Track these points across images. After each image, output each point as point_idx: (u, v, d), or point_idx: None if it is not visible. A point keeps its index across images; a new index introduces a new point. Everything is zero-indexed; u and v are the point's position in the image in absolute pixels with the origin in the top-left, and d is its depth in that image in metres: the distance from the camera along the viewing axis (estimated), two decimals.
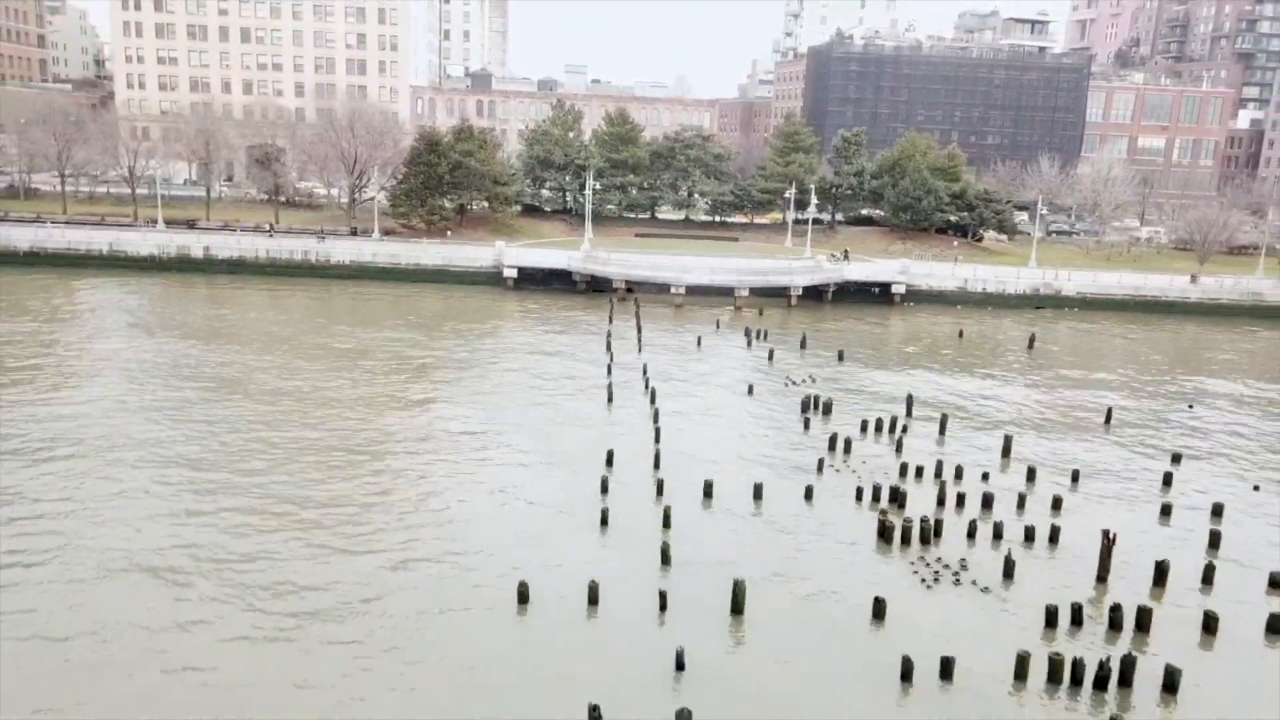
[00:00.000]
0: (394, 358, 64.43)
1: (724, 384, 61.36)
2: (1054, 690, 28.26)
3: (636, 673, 27.93)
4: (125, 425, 47.57)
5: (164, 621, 29.72)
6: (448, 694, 26.90)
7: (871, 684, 28.27)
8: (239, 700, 26.07)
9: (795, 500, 41.76)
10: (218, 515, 37.62)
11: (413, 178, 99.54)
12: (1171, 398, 63.54)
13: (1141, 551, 37.36)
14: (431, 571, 33.85)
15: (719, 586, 32.60)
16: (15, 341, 63.47)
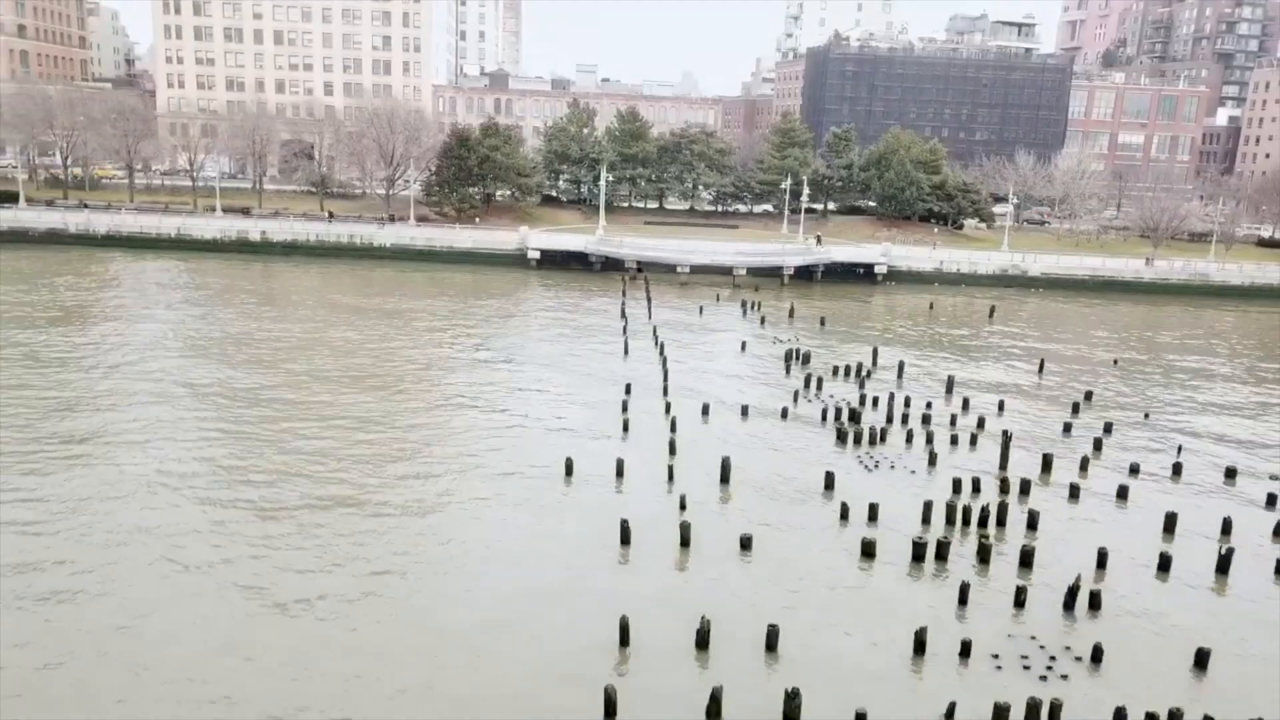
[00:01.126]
0: (437, 318, 76.64)
1: (721, 341, 73.44)
2: (950, 529, 40.06)
3: (651, 512, 39.76)
4: (209, 366, 59.78)
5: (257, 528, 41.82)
6: (512, 524, 38.82)
7: (822, 525, 40.12)
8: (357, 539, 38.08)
9: (774, 418, 53.71)
10: (309, 417, 49.71)
11: (445, 169, 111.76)
12: (1104, 356, 75.44)
13: (1037, 448, 49.28)
14: (499, 457, 45.83)
15: (712, 466, 44.48)
16: (103, 307, 75.74)
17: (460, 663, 28.59)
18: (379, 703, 26.58)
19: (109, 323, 70.59)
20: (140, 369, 58.17)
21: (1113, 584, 35.45)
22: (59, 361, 58.99)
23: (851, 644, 30.77)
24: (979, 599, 33.77)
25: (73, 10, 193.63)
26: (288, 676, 27.55)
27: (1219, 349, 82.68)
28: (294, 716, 25.79)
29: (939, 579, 35.39)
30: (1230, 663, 30.56)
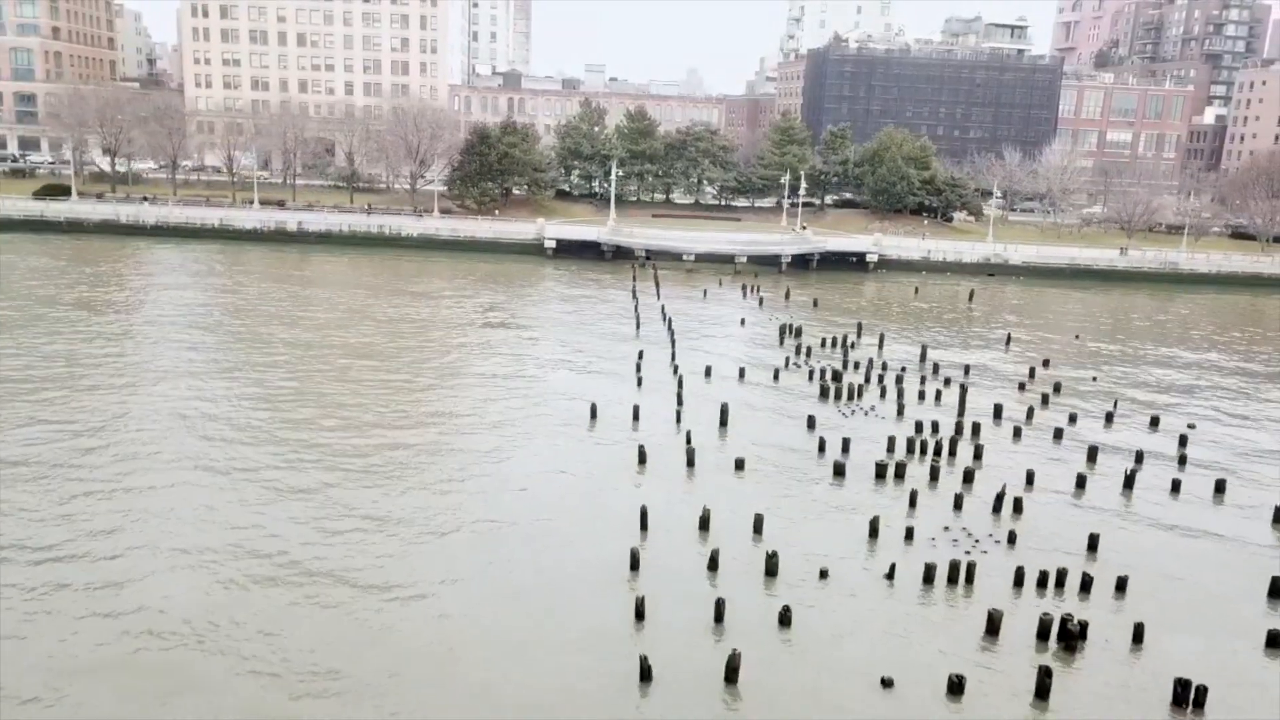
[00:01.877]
0: (463, 298, 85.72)
1: (722, 318, 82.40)
2: (911, 456, 48.85)
3: (662, 443, 48.60)
4: (258, 325, 68.89)
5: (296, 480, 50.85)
6: (551, 451, 47.72)
7: (803, 454, 48.94)
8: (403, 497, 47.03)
9: (766, 378, 62.65)
10: (345, 379, 58.76)
11: (467, 165, 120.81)
12: (1066, 332, 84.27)
13: (991, 401, 58.13)
14: (537, 403, 54.82)
15: (713, 412, 53.30)
16: (160, 284, 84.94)
17: (520, 542, 37.47)
18: (460, 564, 35.51)
19: (168, 293, 79.66)
20: (197, 333, 67.35)
21: (1035, 496, 44.33)
22: (132, 321, 68.18)
23: (821, 528, 39.67)
24: (925, 503, 42.67)
25: (102, 13, 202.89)
26: (395, 547, 36.51)
27: (1175, 327, 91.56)
28: (413, 566, 34.75)
29: (895, 490, 44.26)
30: (1119, 546, 39.37)
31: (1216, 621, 33.55)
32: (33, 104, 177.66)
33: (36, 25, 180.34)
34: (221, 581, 32.87)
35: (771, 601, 32.89)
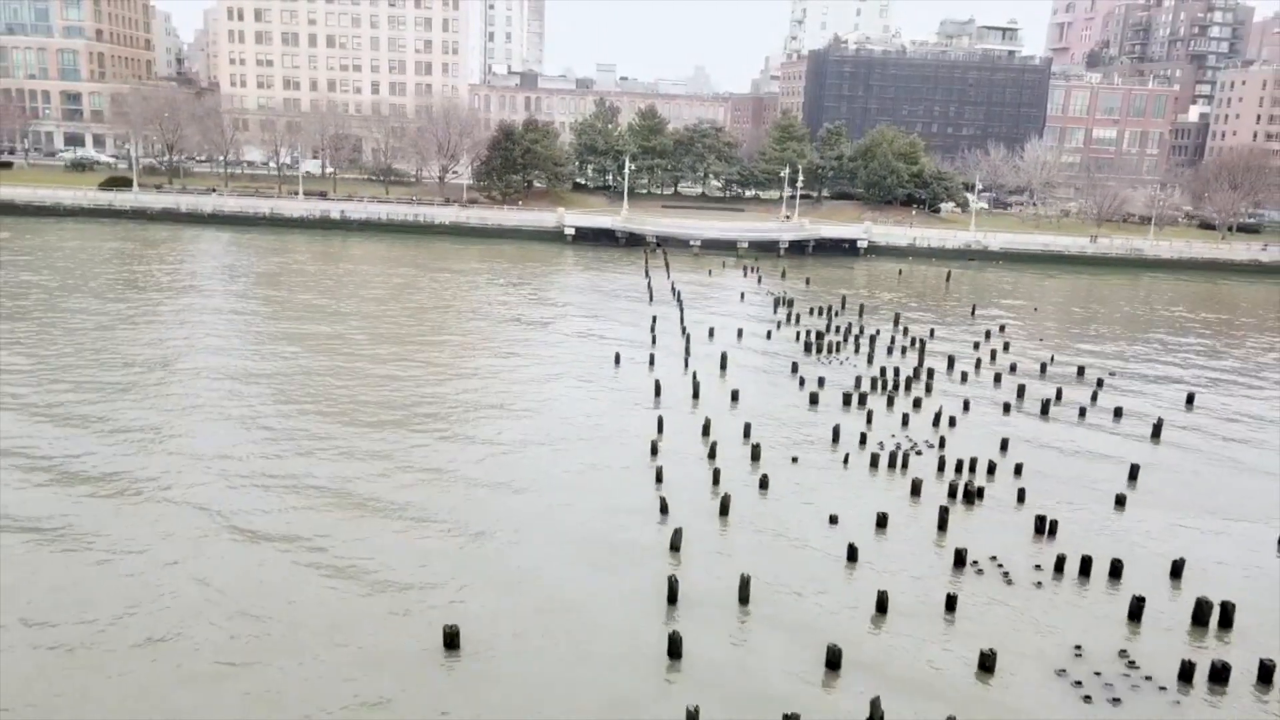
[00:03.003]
0: (496, 275, 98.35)
1: (725, 293, 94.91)
2: (872, 391, 61.27)
3: (673, 382, 61.10)
4: (316, 295, 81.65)
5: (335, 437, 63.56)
6: (583, 389, 60.22)
7: (786, 390, 61.36)
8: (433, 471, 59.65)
9: (760, 339, 75.13)
10: (413, 339, 71.40)
11: (493, 159, 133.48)
12: (1027, 306, 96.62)
13: (945, 354, 70.56)
14: (567, 356, 67.38)
15: (714, 361, 65.78)
16: (221, 263, 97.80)
17: (569, 447, 49.94)
18: (525, 463, 48.01)
19: (230, 268, 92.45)
20: (254, 304, 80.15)
21: (968, 417, 56.77)
22: (203, 290, 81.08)
23: (795, 434, 52.11)
24: (880, 422, 55.05)
25: (139, 15, 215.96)
26: (446, 483, 49.05)
27: (1128, 304, 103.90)
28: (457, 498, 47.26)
29: (858, 412, 56.67)
30: (1023, 448, 51.68)
31: (1081, 490, 45.91)
32: (78, 102, 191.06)
33: (82, 28, 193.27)
34: (294, 499, 45.45)
35: (755, 474, 45.41)
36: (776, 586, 34.64)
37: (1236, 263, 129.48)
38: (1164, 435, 55.18)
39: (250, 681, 27.59)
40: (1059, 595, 35.56)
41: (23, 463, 42.61)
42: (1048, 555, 38.47)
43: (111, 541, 35.58)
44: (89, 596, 31.62)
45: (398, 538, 37.37)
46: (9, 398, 51.44)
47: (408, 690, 27.47)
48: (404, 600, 32.62)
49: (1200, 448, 54.18)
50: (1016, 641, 31.84)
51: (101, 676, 27.53)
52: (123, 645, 29.02)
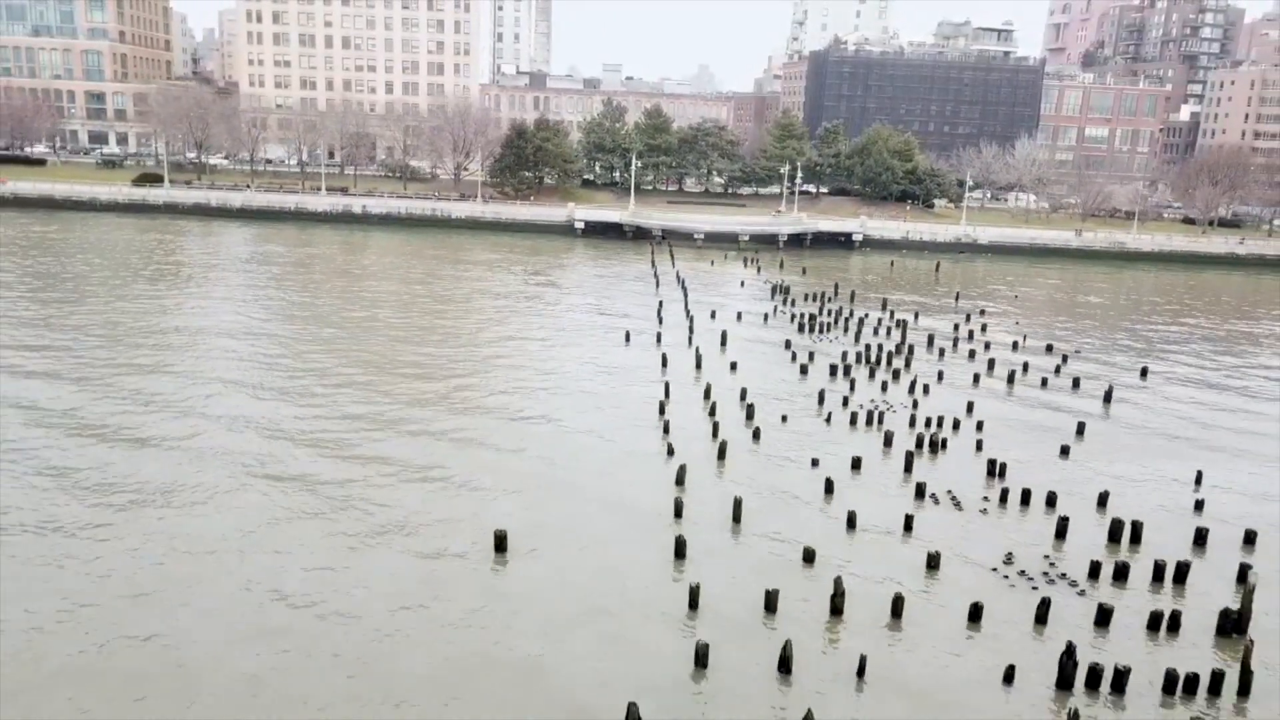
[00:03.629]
0: (512, 264, 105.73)
1: (726, 281, 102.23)
2: (857, 364, 68.52)
3: (678, 354, 68.38)
4: (343, 280, 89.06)
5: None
6: (597, 361, 67.53)
7: (779, 362, 68.61)
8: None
9: (758, 320, 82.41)
10: (427, 317, 78.76)
11: (506, 157, 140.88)
12: (1008, 293, 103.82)
13: (937, 342, 77.82)
14: (581, 334, 74.71)
15: (715, 338, 73.12)
16: (253, 251, 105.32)
17: (586, 409, 57.23)
18: (549, 421, 55.32)
19: (260, 256, 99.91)
20: (292, 288, 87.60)
21: (941, 387, 63.98)
22: (233, 278, 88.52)
23: (786, 399, 59.30)
24: (862, 389, 62.30)
25: (159, 17, 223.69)
26: (473, 451, 56.35)
27: (1108, 292, 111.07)
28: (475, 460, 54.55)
29: (842, 382, 63.93)
30: (988, 408, 58.88)
31: (1032, 443, 53.06)
32: (102, 101, 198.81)
33: (105, 30, 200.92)
34: (358, 431, 52.81)
35: (748, 429, 52.69)
36: (764, 509, 41.94)
37: (1214, 255, 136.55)
38: (1114, 400, 62.47)
39: (333, 570, 34.90)
40: (1000, 519, 42.83)
41: (128, 412, 50.06)
42: (995, 490, 45.72)
43: (234, 456, 42.98)
44: (204, 480, 39.02)
45: (451, 463, 44.68)
46: (97, 366, 58.94)
47: (464, 583, 34.76)
48: (459, 511, 40.01)
49: (1146, 409, 61.45)
50: (960, 549, 39.11)
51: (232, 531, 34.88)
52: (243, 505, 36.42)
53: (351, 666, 28.91)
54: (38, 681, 27.43)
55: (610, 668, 29.38)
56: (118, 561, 34.50)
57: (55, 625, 30.20)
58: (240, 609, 31.74)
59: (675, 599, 33.72)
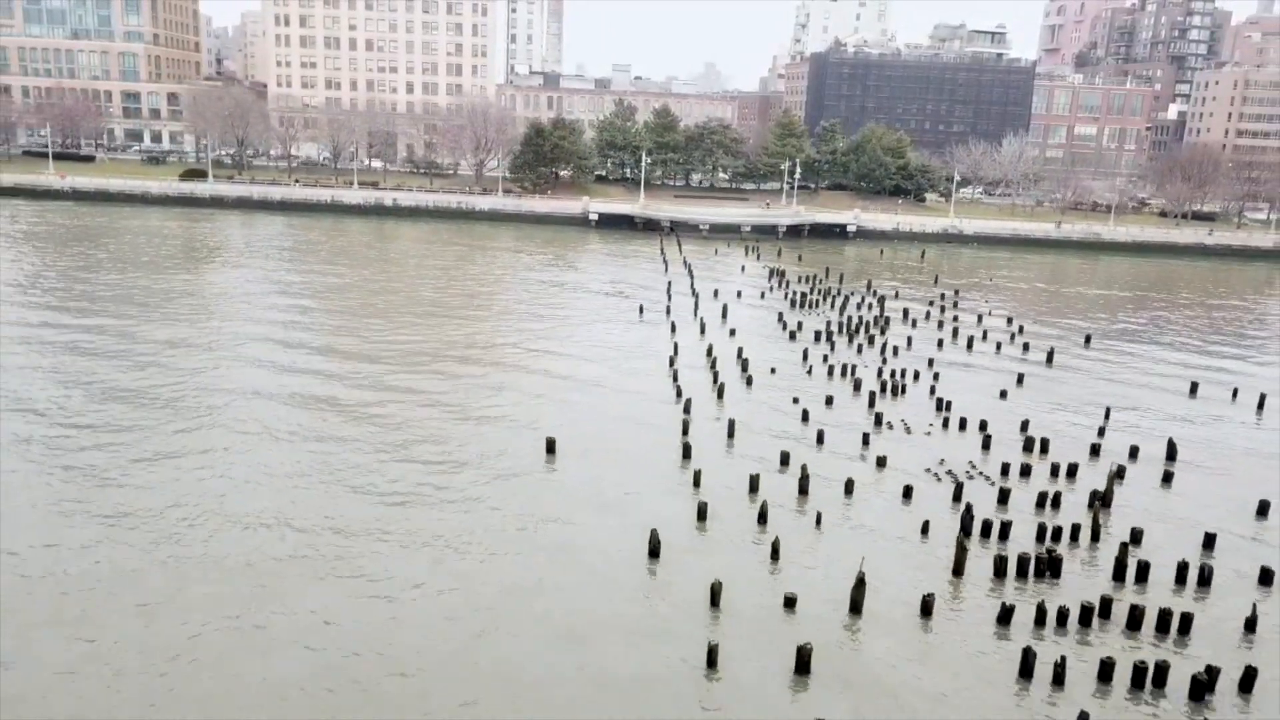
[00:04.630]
0: (533, 251, 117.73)
1: (728, 266, 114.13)
2: (841, 335, 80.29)
3: (686, 325, 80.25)
4: (379, 264, 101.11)
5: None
6: (610, 331, 79.40)
7: (773, 333, 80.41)
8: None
9: (756, 298, 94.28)
10: (461, 298, 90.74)
11: (525, 154, 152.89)
12: (994, 278, 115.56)
13: (911, 315, 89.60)
14: (598, 310, 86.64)
15: (718, 311, 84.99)
16: (297, 239, 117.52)
17: (596, 369, 69.10)
18: (570, 383, 67.16)
19: (304, 244, 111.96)
20: (342, 269, 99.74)
21: (909, 350, 75.77)
22: (279, 261, 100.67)
23: (775, 357, 71.10)
24: (841, 351, 74.12)
25: (189, 19, 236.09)
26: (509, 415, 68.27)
27: (1082, 278, 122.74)
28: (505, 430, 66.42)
29: (825, 346, 75.75)
30: (947, 366, 70.63)
31: (978, 390, 64.76)
32: (137, 101, 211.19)
33: (140, 32, 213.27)
34: (416, 376, 64.75)
35: (743, 378, 64.49)
36: (753, 430, 53.81)
37: (1184, 245, 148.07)
38: (1055, 361, 74.30)
39: (405, 471, 46.83)
40: (940, 439, 54.62)
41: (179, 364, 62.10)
42: (939, 420, 57.59)
43: (285, 423, 54.94)
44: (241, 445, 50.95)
45: (504, 400, 56.59)
46: (178, 330, 71.08)
47: (526, 476, 46.64)
48: (513, 424, 51.99)
49: (1082, 368, 73.22)
50: (903, 457, 50.90)
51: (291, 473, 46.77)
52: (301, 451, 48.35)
53: (458, 512, 40.84)
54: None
55: (637, 520, 41.15)
56: (273, 454, 46.56)
57: (187, 529, 42.27)
58: (364, 500, 43.74)
59: (683, 482, 45.68)
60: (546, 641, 31.76)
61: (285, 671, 29.40)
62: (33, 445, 46.37)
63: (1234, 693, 30.83)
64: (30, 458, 44.85)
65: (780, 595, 35.10)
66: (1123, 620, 34.72)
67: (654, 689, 29.48)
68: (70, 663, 29.27)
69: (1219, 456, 54.10)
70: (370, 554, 37.18)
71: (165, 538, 37.56)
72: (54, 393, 54.32)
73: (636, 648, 31.73)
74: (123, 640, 30.55)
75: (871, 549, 39.52)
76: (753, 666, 30.79)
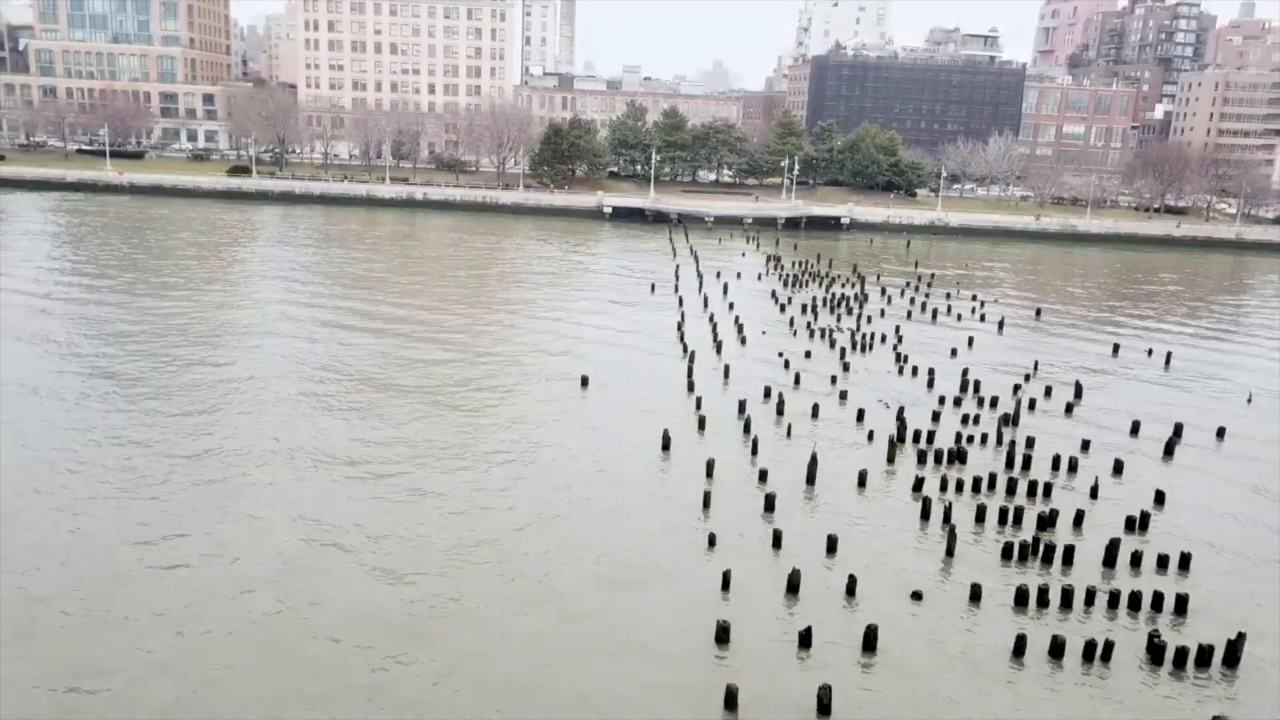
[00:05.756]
0: (552, 240, 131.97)
1: (731, 253, 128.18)
2: (824, 308, 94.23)
3: (692, 298, 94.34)
4: (413, 249, 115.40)
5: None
6: (623, 307, 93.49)
7: (767, 308, 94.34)
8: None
9: (754, 280, 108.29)
10: (489, 279, 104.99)
11: (544, 152, 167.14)
12: (970, 265, 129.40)
13: (888, 293, 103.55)
14: (614, 290, 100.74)
15: (719, 288, 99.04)
16: (341, 228, 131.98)
17: (616, 334, 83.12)
18: (587, 358, 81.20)
19: (348, 235, 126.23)
20: (387, 254, 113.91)
21: (882, 319, 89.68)
22: (328, 247, 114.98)
23: (767, 324, 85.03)
24: (822, 319, 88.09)
25: (221, 24, 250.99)
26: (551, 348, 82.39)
27: (1055, 267, 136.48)
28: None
29: (810, 315, 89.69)
30: (910, 330, 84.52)
31: (933, 351, 78.53)
32: (174, 101, 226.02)
33: (178, 37, 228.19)
34: (456, 344, 78.90)
35: (739, 338, 78.54)
36: (743, 373, 67.76)
37: (1153, 237, 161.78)
38: (1005, 330, 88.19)
39: (473, 399, 60.90)
40: (894, 381, 68.54)
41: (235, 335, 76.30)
42: (896, 369, 71.61)
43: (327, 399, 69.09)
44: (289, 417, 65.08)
45: (540, 348, 70.67)
46: (236, 299, 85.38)
47: (568, 400, 60.66)
48: (553, 368, 66.15)
49: (1026, 336, 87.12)
50: (861, 393, 64.79)
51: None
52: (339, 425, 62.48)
53: (523, 425, 54.96)
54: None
55: (653, 428, 55.03)
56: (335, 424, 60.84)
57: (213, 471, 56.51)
58: (446, 420, 57.94)
59: (687, 406, 59.77)
60: (590, 500, 45.86)
61: (372, 562, 43.42)
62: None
63: (1099, 562, 44.65)
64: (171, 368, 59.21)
65: (756, 471, 49.15)
66: (1003, 489, 48.67)
67: (664, 523, 43.43)
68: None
69: (1118, 395, 68.02)
70: (458, 449, 51.25)
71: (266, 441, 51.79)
72: (196, 327, 68.73)
73: (653, 499, 45.74)
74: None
75: (826, 449, 53.51)
76: (735, 509, 44.74)
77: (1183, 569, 41.24)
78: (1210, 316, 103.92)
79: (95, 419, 52.32)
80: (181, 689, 29.82)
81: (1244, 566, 42.20)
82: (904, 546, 42.44)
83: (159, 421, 52.41)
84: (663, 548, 40.84)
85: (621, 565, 39.19)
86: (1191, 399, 68.31)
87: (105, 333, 70.93)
